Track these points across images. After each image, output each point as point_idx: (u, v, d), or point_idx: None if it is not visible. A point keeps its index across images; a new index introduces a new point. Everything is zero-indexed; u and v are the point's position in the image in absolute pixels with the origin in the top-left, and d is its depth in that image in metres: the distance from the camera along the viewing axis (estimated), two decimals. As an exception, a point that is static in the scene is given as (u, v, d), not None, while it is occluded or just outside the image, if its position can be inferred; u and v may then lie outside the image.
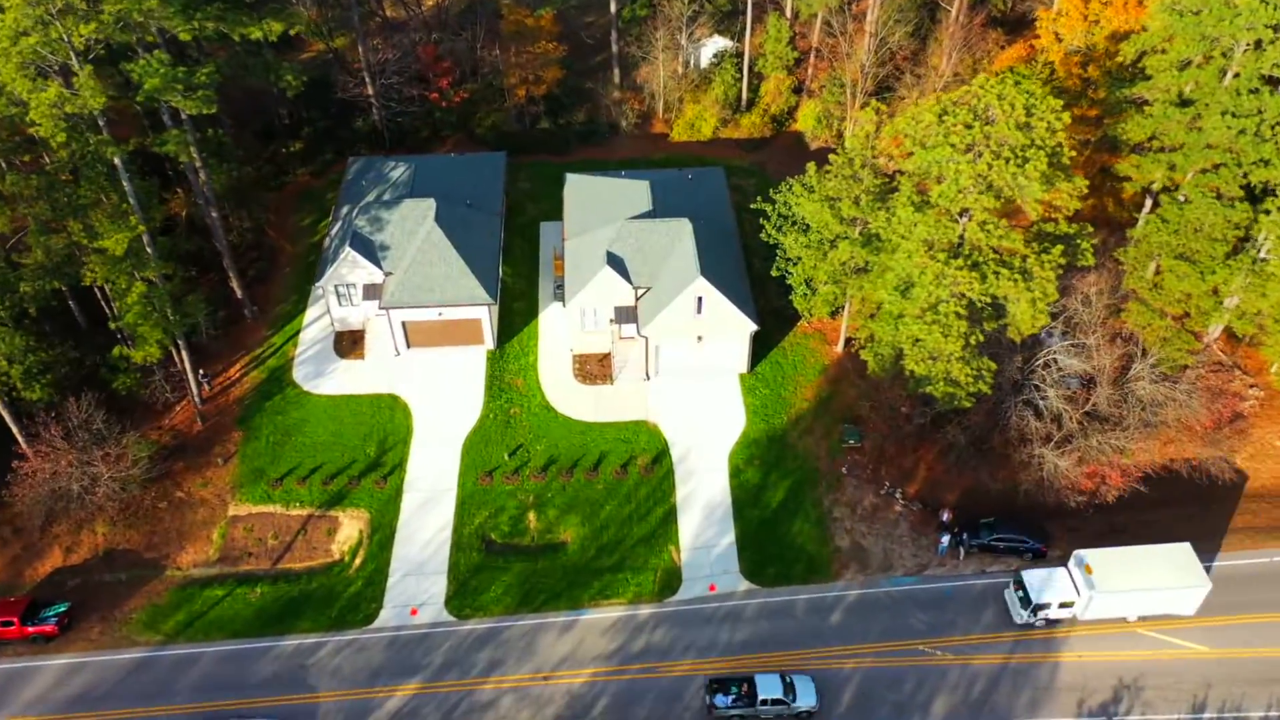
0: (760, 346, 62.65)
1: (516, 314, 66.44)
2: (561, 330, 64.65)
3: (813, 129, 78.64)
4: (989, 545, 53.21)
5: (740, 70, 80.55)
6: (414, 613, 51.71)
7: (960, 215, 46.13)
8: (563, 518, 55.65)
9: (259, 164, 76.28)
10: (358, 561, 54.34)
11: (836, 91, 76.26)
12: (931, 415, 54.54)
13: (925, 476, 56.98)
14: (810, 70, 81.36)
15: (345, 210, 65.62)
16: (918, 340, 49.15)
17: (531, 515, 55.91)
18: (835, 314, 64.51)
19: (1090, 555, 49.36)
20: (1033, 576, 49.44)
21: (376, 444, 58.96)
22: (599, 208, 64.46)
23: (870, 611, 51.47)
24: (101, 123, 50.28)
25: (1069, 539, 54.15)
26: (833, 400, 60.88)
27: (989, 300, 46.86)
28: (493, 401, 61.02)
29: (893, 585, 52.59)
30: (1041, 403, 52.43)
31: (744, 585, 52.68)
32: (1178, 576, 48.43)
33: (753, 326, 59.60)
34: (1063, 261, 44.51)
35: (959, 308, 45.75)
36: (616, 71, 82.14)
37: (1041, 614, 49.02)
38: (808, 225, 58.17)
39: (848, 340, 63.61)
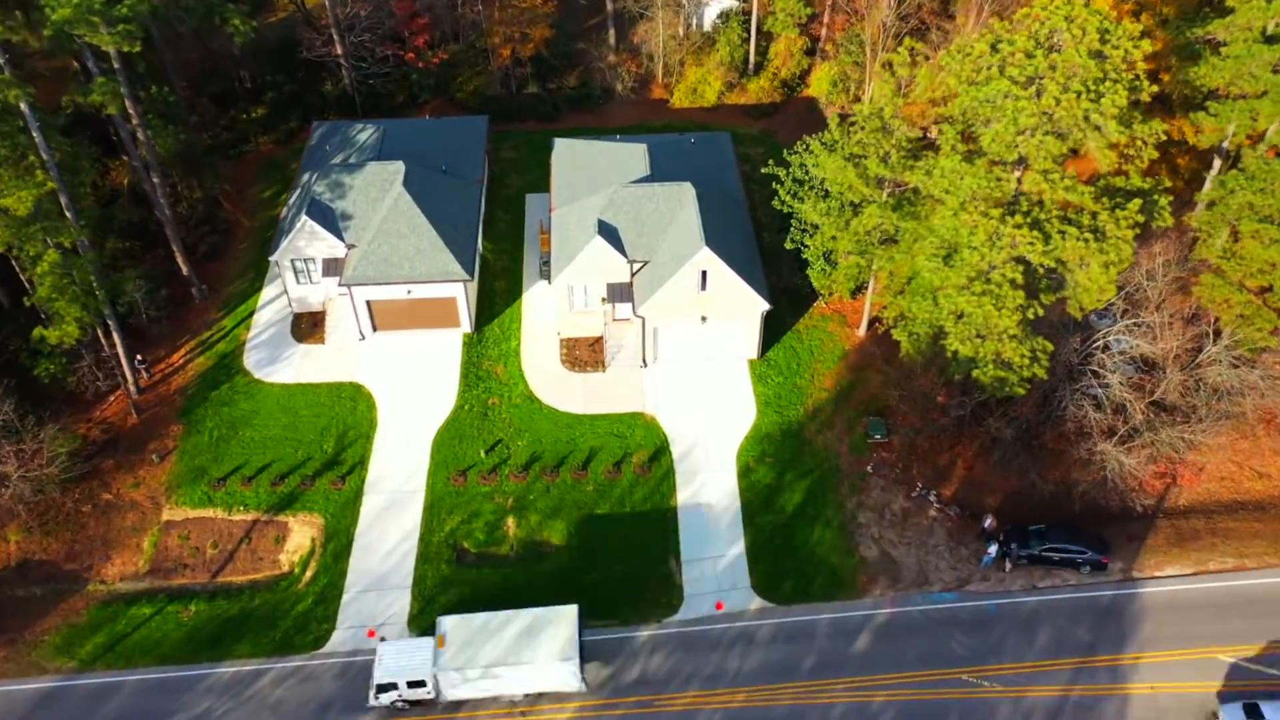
0: (772, 330, 55.32)
1: (498, 294, 59.13)
2: (548, 312, 57.32)
3: (828, 93, 71.26)
4: (1040, 556, 45.83)
5: (747, 30, 73.20)
6: (371, 635, 44.34)
7: (1016, 166, 38.74)
8: (547, 523, 48.29)
9: (215, 130, 69.12)
10: (308, 574, 46.94)
11: (854, 50, 68.86)
12: (972, 406, 47.15)
13: (964, 476, 49.59)
14: (824, 30, 74.03)
15: (306, 178, 58.28)
16: (962, 315, 41.77)
17: (511, 521, 48.57)
18: (857, 293, 57.22)
19: (450, 622, 41.50)
20: (388, 648, 41.14)
21: (335, 439, 51.62)
22: (590, 174, 57.12)
23: (904, 634, 44.09)
24: (2, 61, 42.89)
25: (1130, 550, 46.79)
26: (855, 390, 53.52)
27: (1049, 267, 39.48)
28: (469, 391, 53.69)
29: (930, 603, 45.20)
30: (1101, 391, 45.02)
31: (756, 603, 45.31)
32: (549, 648, 40.30)
33: (764, 305, 52.25)
34: (1140, 219, 37.11)
35: (1015, 274, 38.34)
36: (612, 32, 74.78)
37: (386, 696, 40.29)
38: (827, 190, 50.83)
39: (872, 322, 56.26)
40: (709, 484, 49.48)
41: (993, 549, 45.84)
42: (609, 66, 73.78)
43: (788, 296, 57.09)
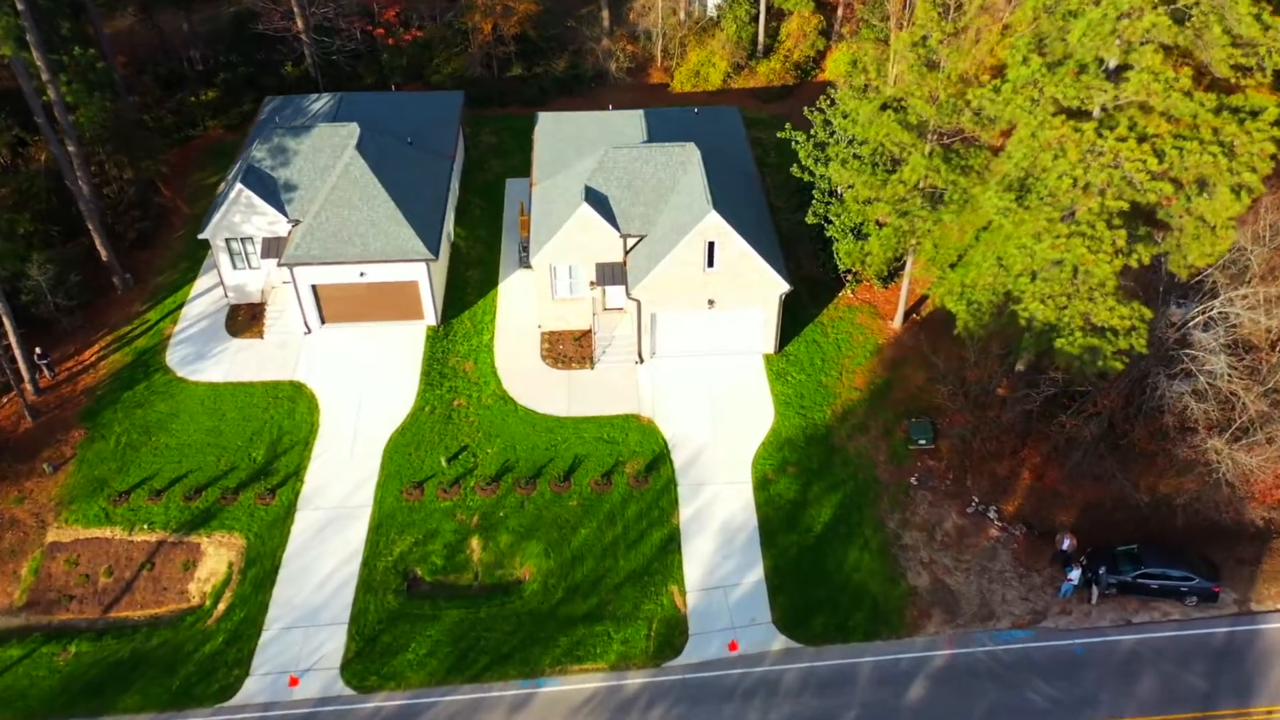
0: (791, 323, 46.81)
1: (470, 284, 50.69)
2: (527, 303, 48.83)
3: (847, 75, 63.34)
4: (1134, 584, 36.74)
5: (756, 8, 65.83)
6: (293, 683, 35.07)
7: (1110, 73, 30.48)
8: (519, 546, 39.23)
9: (159, 113, 61.22)
10: (221, 607, 37.74)
11: (877, 26, 61.29)
12: (1041, 399, 38.35)
13: (1030, 487, 40.61)
14: (841, 11, 66.70)
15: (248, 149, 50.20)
16: (1035, 276, 33.23)
17: (475, 542, 39.50)
18: (889, 281, 48.85)
19: None
20: None
21: (266, 446, 42.74)
22: (579, 145, 49.05)
23: (967, 681, 34.82)
24: None
25: (1242, 576, 37.71)
26: (892, 388, 44.79)
27: (1149, 208, 31.03)
28: (430, 391, 44.94)
29: (998, 642, 35.99)
30: (1202, 378, 36.27)
31: (779, 642, 36.10)
32: None
33: (784, 286, 43.79)
34: (1276, 134, 28.77)
35: (1119, 201, 29.83)
36: (606, 13, 67.43)
37: None
38: (856, 153, 42.66)
39: (909, 313, 47.72)
40: (719, 498, 40.52)
41: (1074, 575, 36.73)
42: (603, 50, 66.30)
43: (808, 286, 48.68)
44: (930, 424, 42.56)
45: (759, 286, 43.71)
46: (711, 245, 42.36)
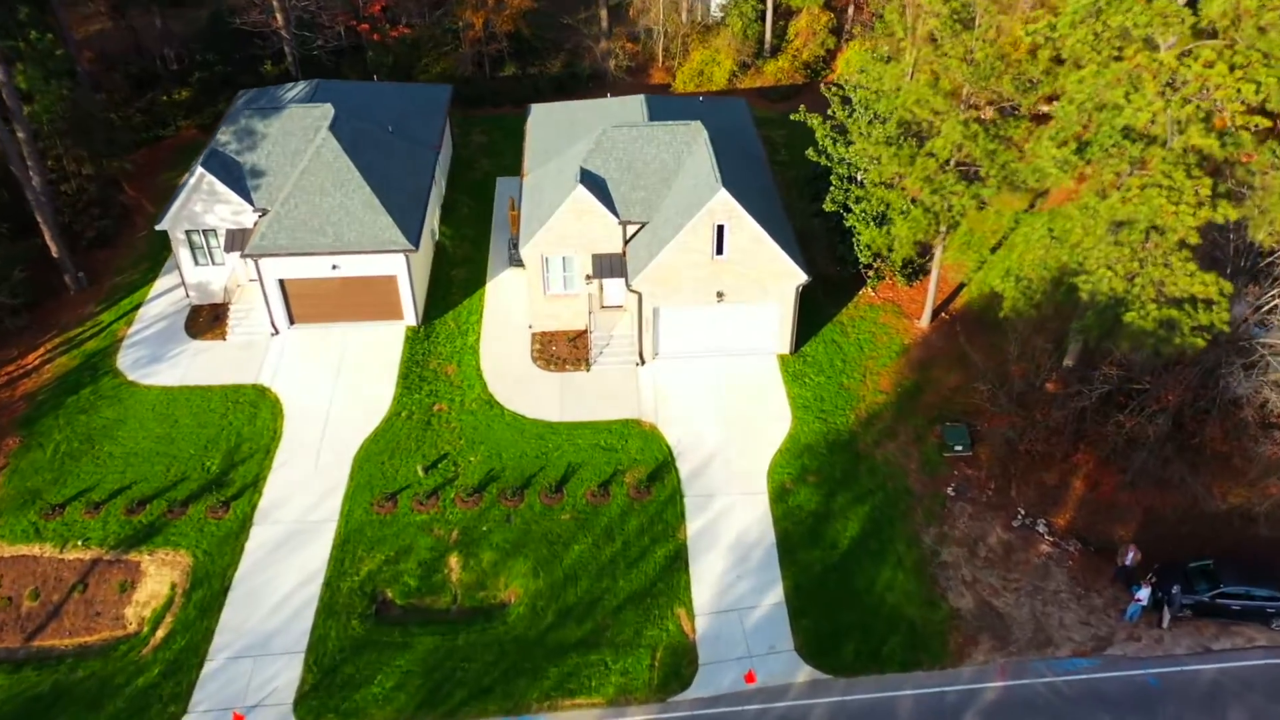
0: (807, 323, 42.43)
1: (455, 283, 46.36)
2: (517, 303, 44.46)
3: (859, 72, 59.68)
4: (1212, 605, 31.89)
5: (763, 2, 62.34)
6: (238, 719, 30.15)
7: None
8: (504, 564, 34.41)
9: (127, 111, 57.47)
10: (160, 634, 32.81)
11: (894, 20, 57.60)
12: (1095, 396, 33.80)
13: (1082, 497, 35.91)
14: (851, 11, 63.23)
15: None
16: (1098, 242, 28.85)
17: (454, 560, 34.67)
18: (914, 278, 44.62)
19: None
20: None
21: (223, 454, 38.08)
22: (573, 133, 45.02)
23: (1026, 716, 29.83)
24: None
25: (1331, 597, 32.86)
26: (922, 391, 40.24)
27: (1235, 158, 26.79)
28: (408, 395, 40.38)
29: (1058, 672, 31.03)
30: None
31: (804, 673, 31.15)
32: None
33: (801, 276, 39.46)
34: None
35: (1206, 139, 25.49)
36: (604, 13, 63.98)
37: None
38: (875, 128, 38.61)
39: (938, 311, 43.35)
40: (731, 511, 35.77)
41: (1143, 595, 31.87)
42: (601, 50, 62.73)
43: (825, 285, 44.31)
44: (967, 428, 37.94)
45: (773, 277, 39.36)
46: (721, 229, 38.09)
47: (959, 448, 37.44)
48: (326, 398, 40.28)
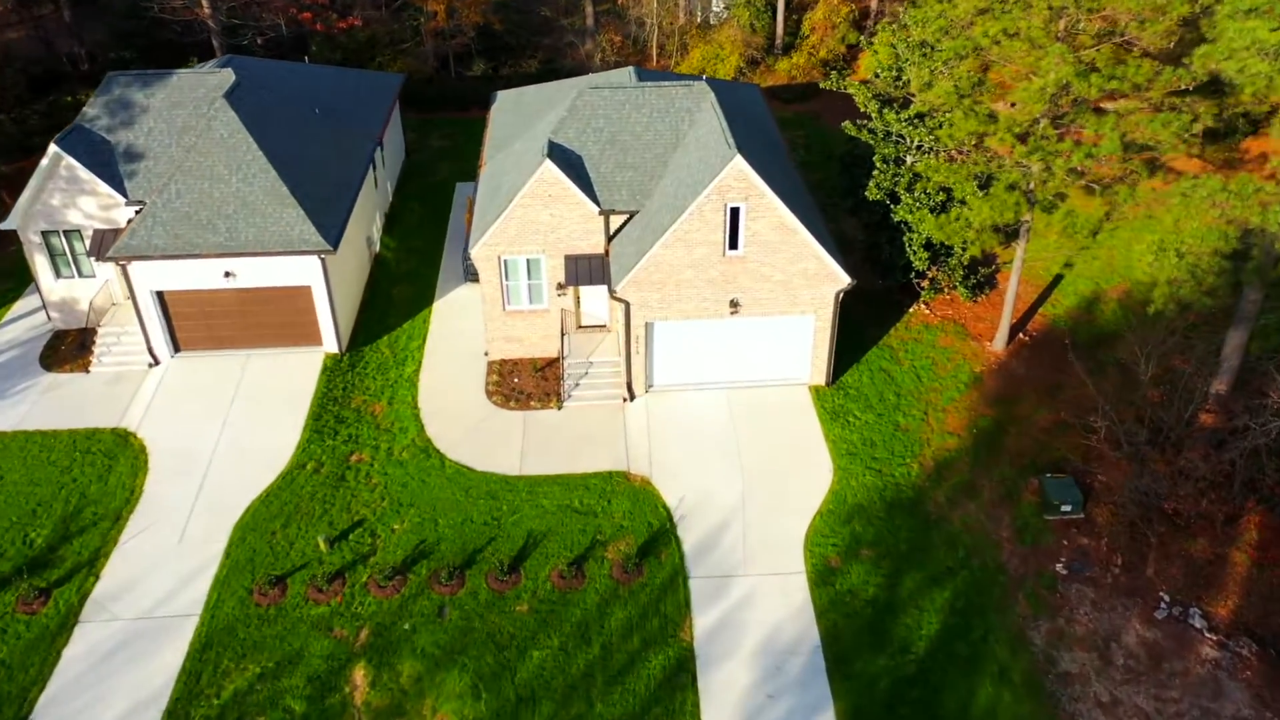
0: (844, 346, 32.51)
1: (395, 303, 36.51)
2: (470, 324, 34.55)
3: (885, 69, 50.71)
4: None
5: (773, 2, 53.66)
6: None
7: None
8: (432, 679, 23.83)
9: (23, 113, 48.31)
10: (-90, 793, 22.16)
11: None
12: (1275, 432, 23.65)
13: (1249, 574, 25.47)
14: (874, 4, 54.56)
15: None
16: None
17: (359, 674, 24.08)
18: (978, 292, 34.97)
19: None
20: None
21: (55, 523, 27.73)
22: (543, 114, 35.54)
23: None
24: None
25: None
26: (1006, 431, 30.08)
27: None
28: (318, 442, 30.17)
29: None
30: None
31: None
32: None
33: (844, 279, 29.62)
34: None
35: None
36: (589, 8, 55.24)
37: None
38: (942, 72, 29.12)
39: (1016, 328, 33.45)
40: (755, 599, 25.32)
41: (1377, 725, 21.35)
42: (585, 51, 53.87)
43: (865, 301, 34.50)
44: (1075, 482, 27.68)
45: (807, 280, 29.49)
46: (736, 214, 28.31)
47: (1066, 508, 27.15)
48: (209, 446, 30.06)
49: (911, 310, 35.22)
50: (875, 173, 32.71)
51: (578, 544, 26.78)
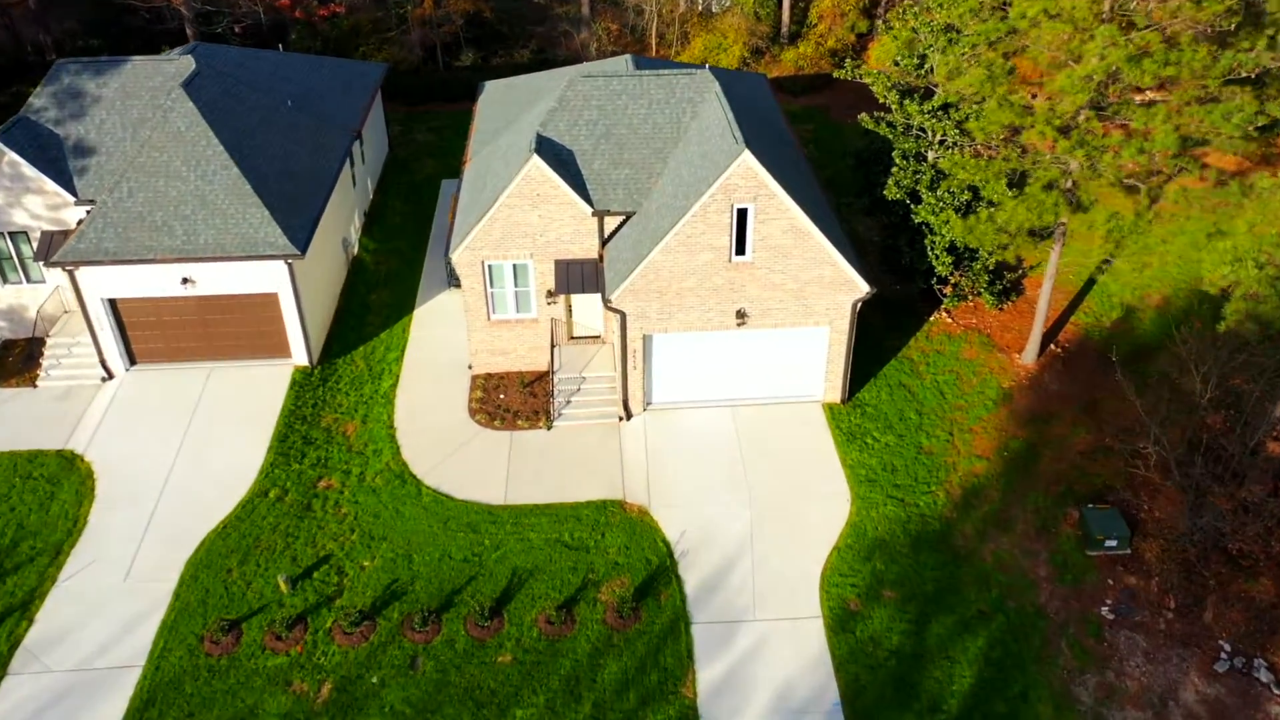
0: (860, 358, 29.74)
1: (374, 310, 33.74)
2: (453, 333, 31.77)
3: (901, 58, 47.90)
4: None
5: (779, -16, 50.90)
6: None
7: None
8: (402, 742, 21.15)
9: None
10: None
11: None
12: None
13: (1325, 625, 22.78)
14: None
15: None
16: None
17: (320, 736, 21.38)
18: (1004, 298, 32.24)
19: None
20: None
21: (-12, 558, 25.03)
22: (532, 106, 32.72)
23: None
24: None
25: None
26: (1041, 455, 27.32)
27: None
28: (284, 467, 27.42)
29: None
30: None
31: None
32: None
33: (862, 287, 26.87)
34: None
35: None
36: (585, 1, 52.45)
37: None
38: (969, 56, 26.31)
39: (1048, 338, 30.69)
40: (767, 647, 22.57)
41: None
42: (580, 41, 51.06)
43: (881, 309, 31.71)
44: (1120, 513, 24.95)
45: (821, 288, 26.73)
46: (743, 216, 25.53)
47: (1111, 543, 24.42)
48: (163, 470, 27.31)
49: (932, 319, 32.47)
50: (894, 170, 29.96)
51: (568, 584, 24.04)
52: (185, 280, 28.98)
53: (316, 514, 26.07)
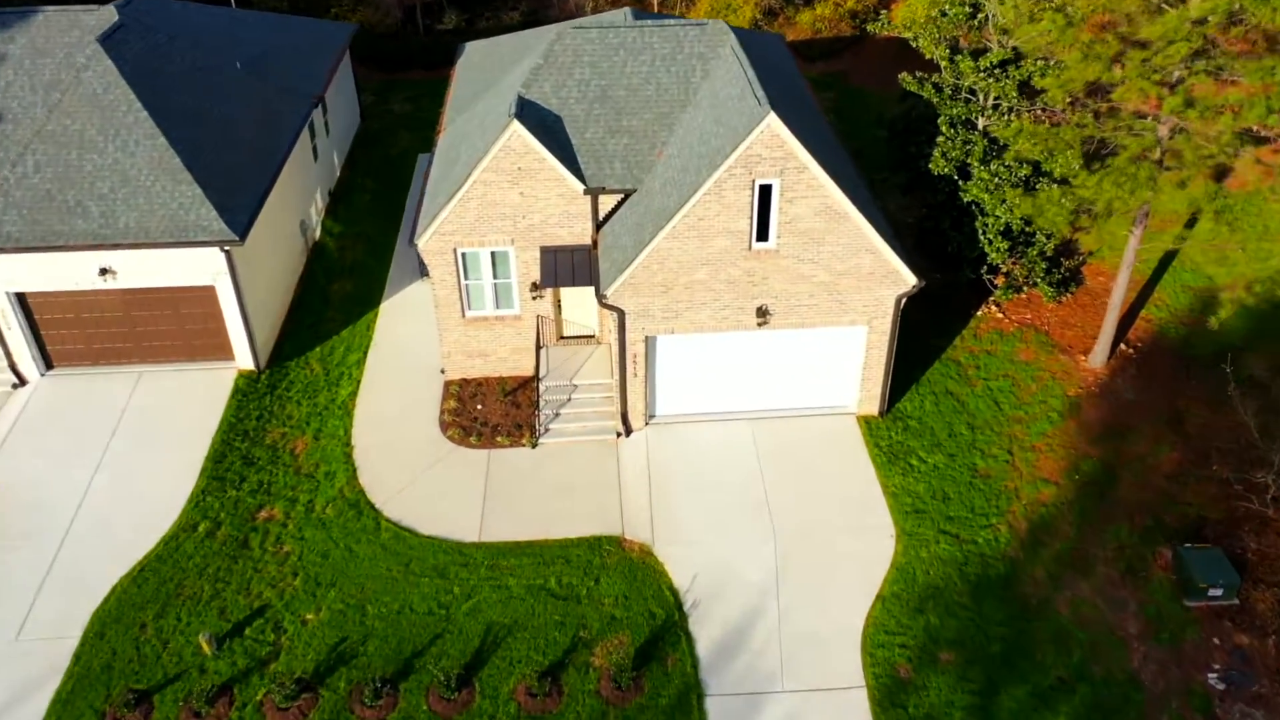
0: (900, 362, 25.15)
1: (334, 303, 29.32)
2: (425, 331, 27.33)
3: (932, 20, 43.11)
4: None
5: (792, -64, 46.07)
6: None
7: None
8: None
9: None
10: None
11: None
12: None
13: None
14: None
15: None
16: None
17: (243, 846, 17.09)
18: (1063, 289, 27.78)
19: None
20: None
21: None
22: (516, 65, 28.08)
23: None
24: None
25: None
26: (1119, 478, 22.94)
27: None
28: (217, 494, 23.05)
29: None
30: None
31: None
32: None
33: (908, 280, 22.40)
34: None
35: None
36: (580, -49, 47.59)
37: None
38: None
39: (1119, 339, 26.24)
40: (798, 726, 18.30)
41: None
42: (576, 4, 46.34)
43: (921, 301, 27.10)
44: (1223, 553, 20.57)
45: (858, 280, 22.27)
46: (767, 193, 21.03)
47: (1215, 591, 20.07)
48: (74, 497, 22.95)
49: (979, 314, 28.02)
50: (940, 139, 25.43)
51: (554, 644, 19.70)
52: (104, 271, 24.55)
53: (254, 553, 21.71)
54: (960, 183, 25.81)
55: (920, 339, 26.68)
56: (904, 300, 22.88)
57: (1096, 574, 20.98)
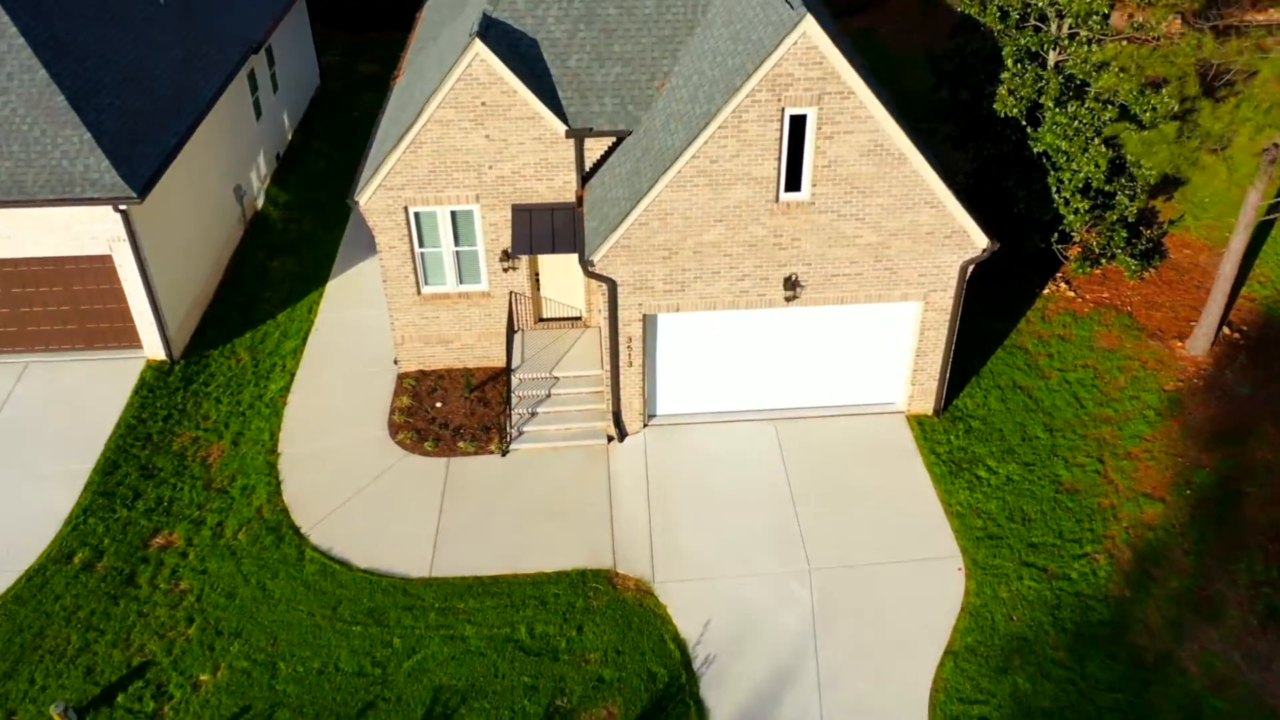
0: (956, 349, 20.29)
1: (273, 282, 24.56)
2: (374, 313, 22.55)
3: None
4: None
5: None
6: None
7: None
8: None
9: None
10: None
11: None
12: None
13: None
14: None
15: None
16: None
17: None
18: (1148, 261, 22.89)
19: None
20: None
21: None
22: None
23: None
24: None
25: None
26: (1243, 493, 18.11)
27: None
28: (101, 513, 18.23)
29: None
30: None
31: None
32: None
33: (980, 242, 17.58)
34: None
35: None
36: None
37: None
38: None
39: (1223, 321, 21.46)
40: (849, 834, 13.45)
41: None
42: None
43: (977, 275, 22.36)
44: (1397, 593, 15.79)
45: (913, 242, 17.50)
46: (800, 125, 16.24)
47: (1390, 644, 15.24)
48: (-79, 519, 18.15)
49: (1046, 292, 23.27)
50: (1006, 75, 20.65)
51: (522, 716, 14.91)
52: (-29, 237, 19.79)
53: (141, 591, 16.94)
54: (1030, 130, 21.04)
55: (976, 322, 21.92)
56: (970, 268, 18.09)
57: (1228, 619, 16.19)
